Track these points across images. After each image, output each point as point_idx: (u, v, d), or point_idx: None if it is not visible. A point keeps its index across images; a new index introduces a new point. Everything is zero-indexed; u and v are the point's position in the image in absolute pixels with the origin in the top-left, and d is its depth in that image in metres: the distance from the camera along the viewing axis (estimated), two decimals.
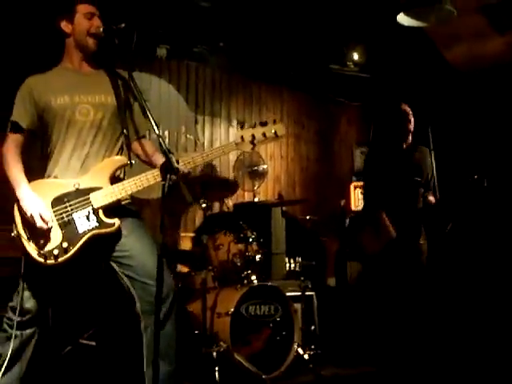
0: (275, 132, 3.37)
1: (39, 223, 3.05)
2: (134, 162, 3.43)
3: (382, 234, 5.21)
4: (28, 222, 3.09)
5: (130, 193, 3.23)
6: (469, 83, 7.23)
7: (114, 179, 3.29)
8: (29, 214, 3.06)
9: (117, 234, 3.25)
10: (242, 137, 3.34)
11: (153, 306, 3.10)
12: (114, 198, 3.20)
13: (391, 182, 5.29)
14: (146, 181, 3.21)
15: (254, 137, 3.33)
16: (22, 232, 3.12)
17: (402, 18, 5.33)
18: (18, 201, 3.15)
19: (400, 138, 5.35)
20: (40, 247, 3.07)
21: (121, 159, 3.36)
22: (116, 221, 3.19)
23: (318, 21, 6.38)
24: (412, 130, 5.31)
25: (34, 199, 3.12)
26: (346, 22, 6.43)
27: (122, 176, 3.39)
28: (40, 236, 3.10)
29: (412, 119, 5.31)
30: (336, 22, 6.42)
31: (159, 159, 3.28)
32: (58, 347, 4.58)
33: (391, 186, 5.29)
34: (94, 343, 4.73)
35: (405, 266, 5.15)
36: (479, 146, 7.13)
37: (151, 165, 3.42)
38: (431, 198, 5.34)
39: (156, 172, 3.19)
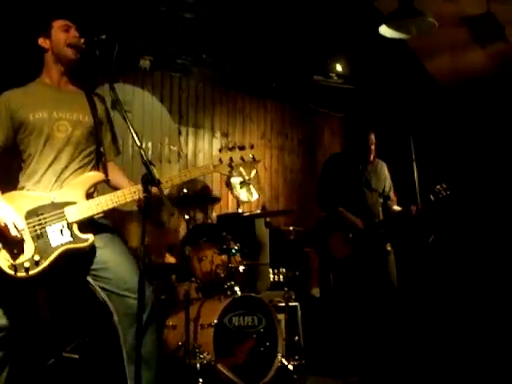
0: (253, 156, 3.41)
1: (13, 232, 3.01)
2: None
3: (350, 228, 5.28)
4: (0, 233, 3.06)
5: (105, 209, 3.22)
6: (451, 95, 7.29)
7: (90, 195, 3.30)
8: (2, 224, 3.01)
9: (91, 250, 3.24)
10: (220, 159, 3.39)
11: (130, 318, 3.11)
12: (90, 214, 3.20)
13: (347, 188, 5.50)
14: (122, 197, 3.22)
15: (231, 160, 3.38)
16: None
17: (385, 30, 5.38)
18: None
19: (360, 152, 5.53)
20: (11, 259, 3.02)
21: (98, 175, 3.37)
22: (90, 236, 3.18)
23: (302, 32, 6.42)
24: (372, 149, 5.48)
25: (6, 208, 3.08)
26: (329, 33, 6.46)
27: (95, 194, 3.39)
28: (11, 247, 3.05)
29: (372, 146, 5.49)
30: (319, 33, 6.45)
31: (121, 182, 3.40)
32: (40, 360, 4.54)
33: (346, 193, 5.46)
34: (76, 356, 4.69)
35: (371, 271, 5.23)
36: (459, 157, 7.19)
37: (115, 188, 3.44)
38: (396, 208, 5.50)
39: (133, 189, 3.21)
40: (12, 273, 3.01)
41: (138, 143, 3.02)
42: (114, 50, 3.09)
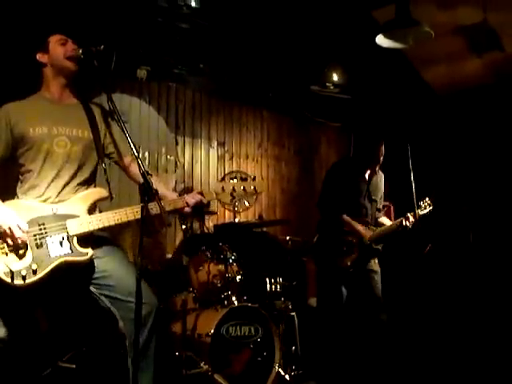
0: (254, 188, 3.47)
1: (18, 233, 3.03)
2: (114, 196, 3.46)
3: (355, 236, 5.23)
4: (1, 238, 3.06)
5: (106, 225, 3.24)
6: (447, 104, 7.32)
7: (92, 210, 3.31)
8: (6, 228, 3.03)
9: (91, 262, 3.25)
10: (222, 187, 3.45)
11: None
12: (91, 228, 3.22)
13: (350, 197, 5.41)
14: (124, 216, 3.25)
15: (234, 189, 3.45)
16: None
17: (381, 40, 5.39)
18: None
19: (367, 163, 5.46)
20: (8, 265, 3.02)
21: (102, 191, 3.40)
22: (89, 251, 3.20)
23: (298, 42, 6.43)
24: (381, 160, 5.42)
25: (8, 212, 3.10)
26: (325, 43, 6.48)
27: (96, 210, 3.40)
28: (10, 254, 3.06)
29: (381, 158, 5.44)
30: (316, 43, 6.46)
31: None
32: (37, 370, 4.52)
33: (350, 202, 5.39)
34: (73, 366, 4.68)
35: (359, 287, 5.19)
36: (457, 166, 7.20)
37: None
38: (382, 220, 5.48)
39: (136, 209, 3.21)
40: (8, 280, 3.01)
41: (136, 153, 3.03)
42: (111, 60, 3.11)
